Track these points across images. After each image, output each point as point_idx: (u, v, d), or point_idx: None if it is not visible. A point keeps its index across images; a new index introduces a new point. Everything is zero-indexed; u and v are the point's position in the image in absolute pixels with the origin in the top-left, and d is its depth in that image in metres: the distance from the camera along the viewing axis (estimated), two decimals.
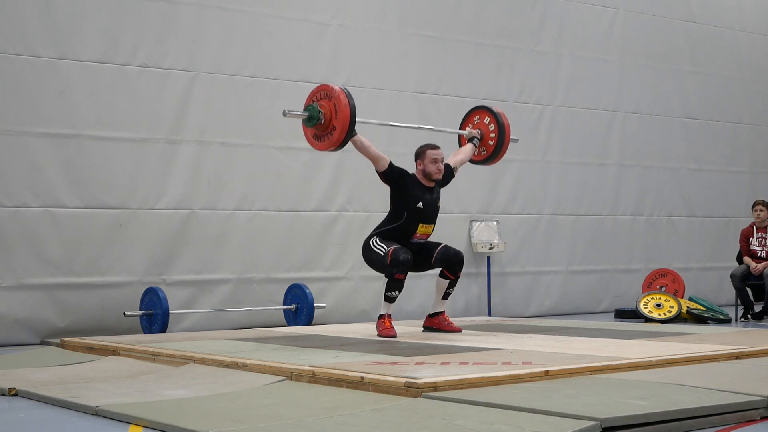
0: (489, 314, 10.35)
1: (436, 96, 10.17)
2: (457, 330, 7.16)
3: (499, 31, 10.78)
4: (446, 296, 7.17)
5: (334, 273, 9.46)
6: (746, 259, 10.09)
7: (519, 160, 10.81)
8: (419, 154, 7.08)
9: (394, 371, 4.74)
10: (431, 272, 7.66)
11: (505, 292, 10.71)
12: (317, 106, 6.72)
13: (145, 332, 8.07)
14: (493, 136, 7.67)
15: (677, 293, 10.35)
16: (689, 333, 7.23)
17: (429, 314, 7.28)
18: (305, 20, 9.41)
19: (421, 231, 7.02)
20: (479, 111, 7.85)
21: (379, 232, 7.00)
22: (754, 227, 10.20)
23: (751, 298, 10.05)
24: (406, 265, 6.74)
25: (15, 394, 4.97)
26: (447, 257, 7.02)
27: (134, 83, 8.45)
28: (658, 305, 9.66)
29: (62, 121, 8.11)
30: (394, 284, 6.79)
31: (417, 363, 5.13)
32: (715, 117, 12.63)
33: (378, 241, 6.92)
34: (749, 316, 9.93)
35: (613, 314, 10.79)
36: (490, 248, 10.33)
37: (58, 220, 8.07)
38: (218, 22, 8.90)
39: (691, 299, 10.03)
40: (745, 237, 10.22)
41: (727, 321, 9.56)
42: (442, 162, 7.07)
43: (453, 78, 10.32)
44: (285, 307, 8.80)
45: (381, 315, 6.94)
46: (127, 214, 8.39)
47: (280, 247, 9.17)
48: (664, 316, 9.47)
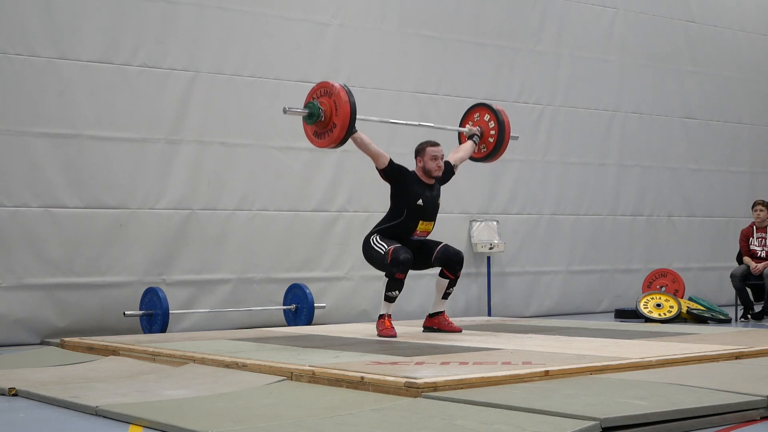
0: (489, 314, 10.35)
1: (436, 96, 10.17)
2: (457, 330, 7.16)
3: (499, 31, 10.78)
4: (446, 296, 7.17)
5: (334, 273, 9.46)
6: (746, 259, 10.09)
7: (519, 160, 10.82)
8: (419, 151, 7.08)
9: (394, 371, 4.74)
10: (431, 272, 7.66)
11: (505, 292, 10.71)
12: (317, 103, 6.72)
13: (145, 332, 8.07)
14: (493, 133, 7.67)
15: (677, 293, 10.35)
16: (689, 333, 7.22)
17: (429, 314, 7.28)
18: (305, 20, 9.41)
19: (422, 228, 7.02)
20: (479, 108, 7.85)
21: (380, 230, 7.00)
22: (754, 227, 10.20)
23: (751, 298, 10.05)
24: (406, 265, 6.74)
25: (15, 394, 4.97)
26: (447, 257, 7.02)
27: (134, 83, 8.45)
28: (658, 305, 9.65)
29: (62, 121, 8.11)
30: (394, 284, 6.78)
31: (417, 363, 5.13)
32: (715, 117, 12.64)
33: (378, 239, 6.92)
34: (749, 316, 9.93)
35: (613, 314, 10.79)
36: (490, 248, 10.33)
37: (58, 220, 8.07)
38: (218, 22, 8.90)
39: (691, 299, 10.03)
40: (745, 237, 10.22)
41: (727, 321, 9.55)
42: (442, 159, 7.06)
43: (453, 78, 10.33)
44: (285, 307, 8.80)
45: (381, 315, 6.94)
46: (127, 214, 8.39)
47: (280, 247, 9.17)
48: (664, 316, 9.47)
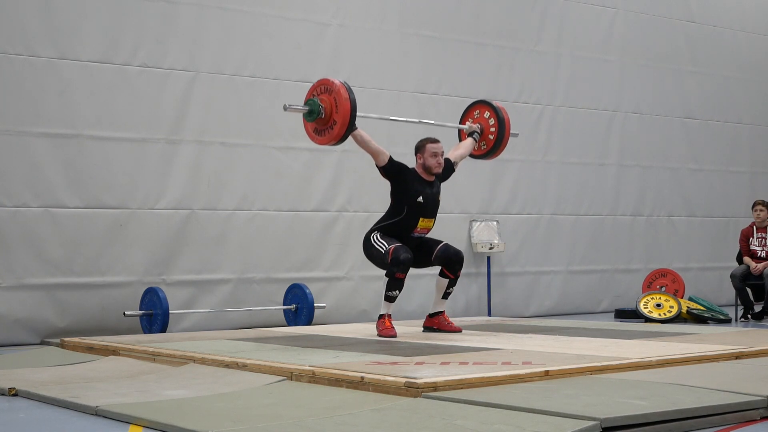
0: (489, 314, 10.35)
1: (436, 96, 10.17)
2: (457, 330, 7.16)
3: (499, 31, 10.78)
4: (446, 296, 7.17)
5: (334, 273, 9.46)
6: (746, 259, 10.09)
7: (519, 160, 10.82)
8: (419, 148, 7.07)
9: (394, 371, 4.74)
10: (431, 272, 7.66)
11: (505, 292, 10.71)
12: (318, 100, 6.72)
13: (145, 332, 8.07)
14: (493, 130, 7.68)
15: (677, 293, 10.35)
16: (689, 333, 7.22)
17: (429, 314, 7.28)
18: (305, 20, 9.41)
19: (422, 225, 7.01)
20: (479, 105, 7.85)
21: (380, 227, 6.99)
22: (754, 227, 10.20)
23: (751, 298, 10.05)
24: (406, 265, 6.74)
25: (15, 394, 4.97)
26: (447, 256, 7.02)
27: (134, 83, 8.45)
28: (658, 305, 9.65)
29: (62, 121, 8.11)
30: (394, 283, 6.78)
31: (417, 363, 5.13)
32: (715, 117, 12.63)
33: (379, 237, 6.91)
34: (749, 316, 9.93)
35: (613, 314, 10.79)
36: (490, 248, 10.33)
37: (58, 220, 8.07)
38: (218, 22, 8.90)
39: (691, 299, 10.02)
40: (745, 237, 10.22)
41: (727, 321, 9.55)
42: (442, 156, 7.06)
43: (453, 78, 10.33)
44: (285, 307, 8.80)
45: (381, 315, 6.94)
46: (127, 214, 8.39)
47: (280, 247, 9.17)
48: (664, 316, 9.47)
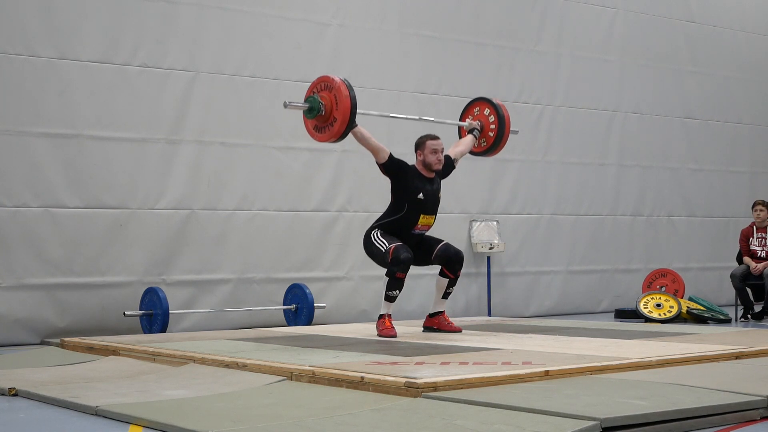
0: (489, 314, 10.35)
1: (436, 96, 10.16)
2: (457, 330, 7.16)
3: (499, 31, 10.78)
4: (446, 296, 7.16)
5: (334, 273, 9.46)
6: (746, 259, 10.09)
7: (519, 160, 10.82)
8: (419, 145, 7.07)
9: (394, 371, 4.74)
10: (431, 272, 7.66)
11: (505, 292, 10.71)
12: (318, 97, 6.71)
13: (145, 332, 8.07)
14: (493, 127, 7.68)
15: (677, 293, 10.35)
16: (689, 333, 7.22)
17: (429, 314, 7.27)
18: (305, 20, 9.41)
19: (423, 222, 7.00)
20: (479, 102, 7.86)
21: (381, 225, 6.98)
22: (754, 227, 10.20)
23: (751, 298, 10.05)
24: (407, 264, 6.73)
25: (15, 394, 4.97)
26: (447, 255, 7.02)
27: (134, 83, 8.45)
28: (658, 305, 9.65)
29: (62, 121, 8.11)
30: (394, 283, 6.78)
31: (417, 363, 5.13)
32: (715, 117, 12.63)
33: (379, 236, 6.90)
34: (749, 316, 9.93)
35: (613, 314, 10.78)
36: (490, 248, 10.33)
37: (58, 220, 8.07)
38: (218, 22, 8.90)
39: (691, 299, 10.02)
40: (745, 237, 10.21)
41: (727, 321, 9.55)
42: (442, 152, 7.05)
43: (453, 78, 10.32)
44: (285, 307, 8.80)
45: (381, 315, 6.93)
46: (127, 214, 8.39)
47: (280, 247, 9.17)
48: (664, 316, 9.47)
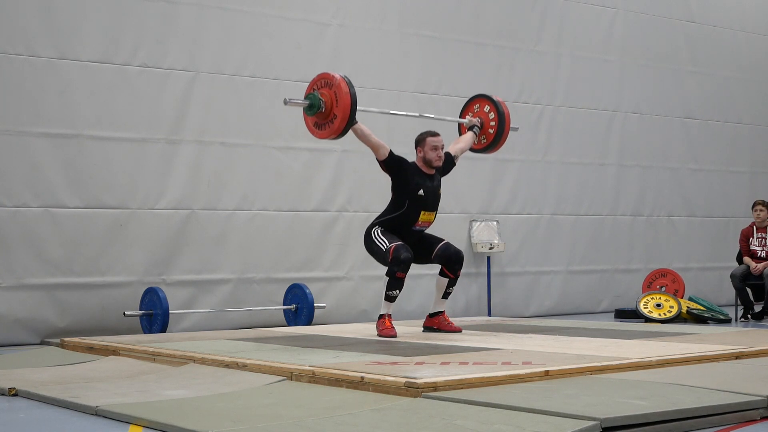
0: (489, 314, 10.35)
1: (436, 96, 10.16)
2: (457, 330, 7.16)
3: (499, 31, 10.78)
4: (446, 296, 7.16)
5: (334, 273, 9.46)
6: (746, 259, 10.09)
7: (519, 160, 10.82)
8: (419, 142, 7.07)
9: (394, 371, 4.74)
10: (431, 272, 7.66)
11: (505, 292, 10.71)
12: (318, 94, 6.71)
13: (145, 332, 8.07)
14: (493, 124, 7.69)
15: (677, 293, 10.35)
16: (689, 333, 7.22)
17: (429, 314, 7.27)
18: (305, 20, 9.41)
19: (423, 219, 7.00)
20: (479, 99, 7.86)
21: (381, 222, 6.98)
22: (754, 227, 10.20)
23: (751, 298, 10.05)
24: (407, 264, 6.73)
25: (15, 394, 4.97)
26: (447, 255, 7.02)
27: (134, 83, 8.45)
28: (658, 305, 9.65)
29: (62, 121, 8.11)
30: (395, 283, 6.78)
31: (417, 363, 5.13)
32: (715, 117, 12.63)
33: (379, 234, 6.90)
34: (749, 316, 9.93)
35: (613, 314, 10.78)
36: (490, 248, 10.33)
37: (58, 220, 8.07)
38: (218, 22, 8.90)
39: (691, 299, 10.02)
40: (745, 237, 10.21)
41: (727, 321, 9.55)
42: (442, 149, 7.06)
43: (453, 78, 10.32)
44: (285, 307, 8.80)
45: (381, 315, 6.93)
46: (127, 214, 8.39)
47: (280, 247, 9.17)
48: (664, 316, 9.47)
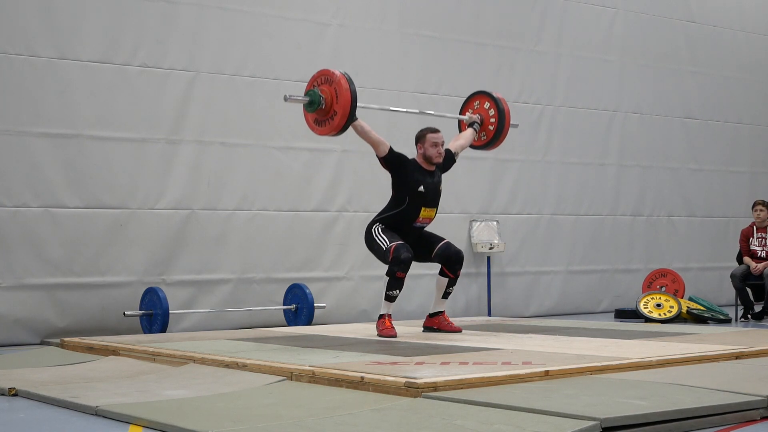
0: (489, 314, 10.35)
1: (436, 96, 10.16)
2: (457, 330, 7.16)
3: (499, 31, 10.77)
4: (446, 296, 7.16)
5: (334, 273, 9.46)
6: (746, 259, 10.09)
7: (519, 160, 10.82)
8: (419, 138, 7.07)
9: (394, 371, 4.74)
10: (431, 272, 7.65)
11: (505, 292, 10.71)
12: (318, 91, 6.72)
13: (145, 332, 8.07)
14: (493, 121, 7.69)
15: (677, 293, 10.35)
16: (689, 333, 7.22)
17: (429, 314, 7.27)
18: (305, 20, 9.41)
19: (424, 215, 6.99)
20: (479, 96, 7.86)
21: (382, 219, 6.97)
22: (754, 227, 10.20)
23: (751, 298, 10.05)
24: (407, 264, 6.73)
25: (15, 394, 4.97)
26: (447, 255, 7.02)
27: (134, 83, 8.45)
28: (658, 305, 9.65)
29: (62, 121, 8.10)
30: (395, 283, 6.78)
31: (417, 363, 5.13)
32: (715, 117, 12.63)
33: (380, 231, 6.89)
34: (749, 316, 9.93)
35: (613, 314, 10.78)
36: (490, 248, 10.33)
37: (58, 220, 8.07)
38: (218, 22, 8.89)
39: (691, 299, 10.02)
40: (745, 237, 10.21)
41: (727, 321, 9.55)
42: (442, 145, 7.06)
43: (453, 78, 10.32)
44: (285, 307, 8.80)
45: (381, 315, 6.93)
46: (127, 214, 8.39)
47: (280, 247, 9.17)
48: (664, 316, 9.47)
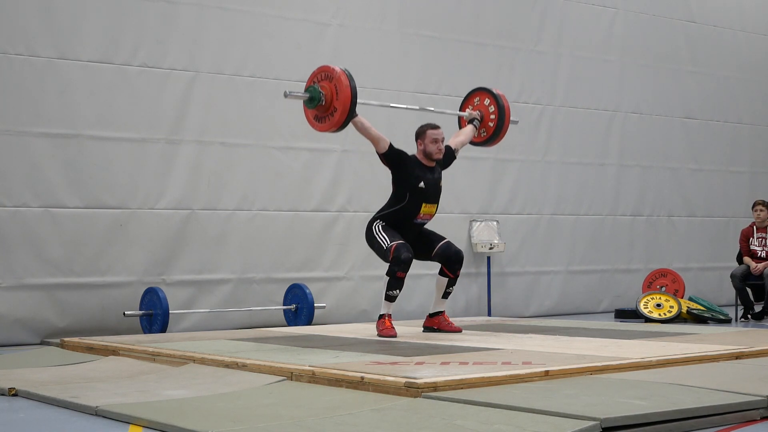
0: (489, 314, 10.35)
1: (436, 96, 10.15)
2: (457, 330, 7.16)
3: (499, 31, 10.77)
4: (446, 295, 7.16)
5: (334, 273, 9.46)
6: (746, 259, 10.09)
7: (519, 160, 10.82)
8: (420, 134, 7.07)
9: (394, 371, 4.74)
10: (431, 272, 7.65)
11: (505, 292, 10.71)
12: (318, 87, 6.72)
13: (145, 332, 8.07)
14: (493, 117, 7.68)
15: (677, 293, 10.35)
16: (689, 333, 7.22)
17: (429, 314, 7.27)
18: (305, 20, 9.41)
19: (425, 211, 6.99)
20: (479, 92, 7.85)
21: (383, 215, 6.97)
22: (754, 227, 10.20)
23: (751, 298, 10.05)
24: (407, 264, 6.73)
25: (15, 394, 4.97)
26: (447, 255, 7.02)
27: (134, 83, 8.45)
28: (658, 305, 9.65)
29: (62, 121, 8.11)
30: (395, 283, 6.78)
31: (417, 363, 5.13)
32: (715, 117, 12.63)
33: (381, 229, 6.89)
34: (749, 316, 9.93)
35: (613, 314, 10.78)
36: (490, 248, 10.33)
37: (58, 220, 8.07)
38: (218, 22, 8.89)
39: (691, 299, 10.02)
40: (745, 237, 10.21)
41: (727, 321, 9.55)
42: (442, 142, 7.06)
43: (453, 78, 10.32)
44: (285, 307, 8.80)
45: (381, 315, 6.93)
46: (127, 214, 8.39)
47: (280, 247, 9.17)
48: (664, 316, 9.47)
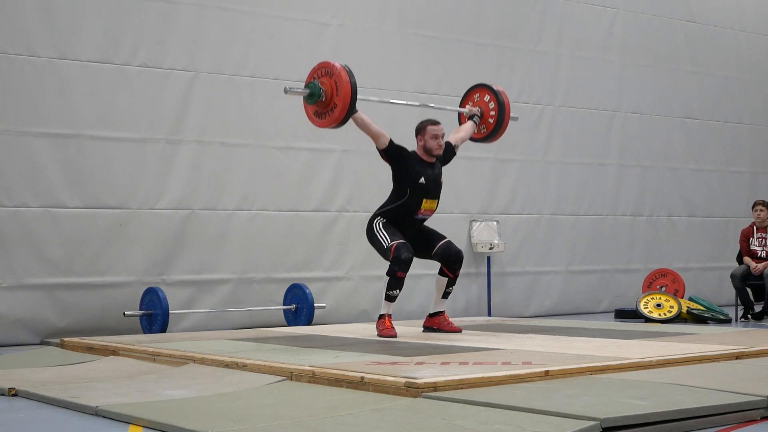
0: (489, 314, 10.35)
1: (436, 96, 10.14)
2: (457, 330, 7.16)
3: (499, 31, 10.77)
4: (446, 295, 7.17)
5: (334, 273, 9.46)
6: (746, 259, 10.09)
7: (519, 160, 10.82)
8: (420, 130, 7.08)
9: (394, 371, 4.74)
10: (431, 272, 7.64)
11: (505, 292, 10.71)
12: (318, 83, 6.72)
13: (145, 332, 8.07)
14: (493, 113, 7.68)
15: (677, 293, 10.35)
16: (689, 333, 7.23)
17: (429, 314, 7.28)
18: (305, 20, 9.41)
19: (426, 207, 6.99)
20: (479, 89, 7.85)
21: (383, 212, 6.97)
22: (754, 227, 10.20)
23: (751, 298, 10.05)
24: (407, 264, 6.73)
25: (15, 394, 4.97)
26: (447, 254, 7.02)
27: (134, 83, 8.45)
28: (658, 305, 9.65)
29: (62, 121, 8.11)
30: (395, 282, 6.78)
31: (417, 363, 5.13)
32: (715, 117, 12.63)
33: (381, 227, 6.89)
34: (749, 316, 9.93)
35: (613, 314, 10.78)
36: (490, 248, 10.33)
37: (58, 220, 8.07)
38: (218, 22, 8.90)
39: (691, 299, 10.02)
40: (745, 237, 10.21)
41: (727, 321, 9.55)
42: (442, 137, 7.06)
43: (453, 78, 10.31)
44: (285, 307, 8.80)
45: (381, 315, 6.94)
46: (127, 214, 8.39)
47: (280, 247, 9.17)
48: (664, 316, 9.47)
